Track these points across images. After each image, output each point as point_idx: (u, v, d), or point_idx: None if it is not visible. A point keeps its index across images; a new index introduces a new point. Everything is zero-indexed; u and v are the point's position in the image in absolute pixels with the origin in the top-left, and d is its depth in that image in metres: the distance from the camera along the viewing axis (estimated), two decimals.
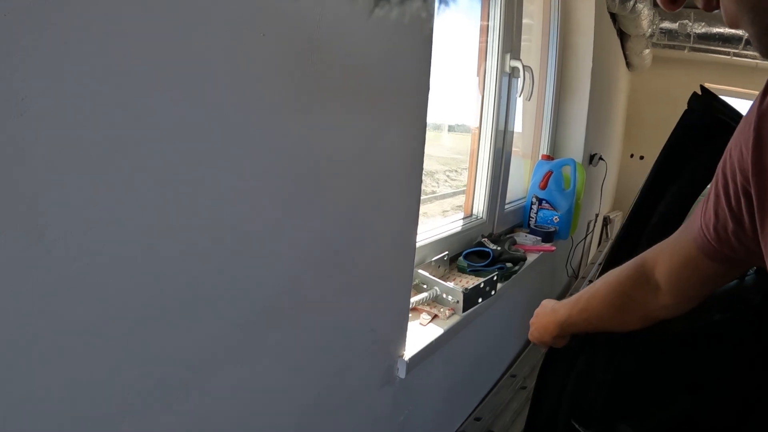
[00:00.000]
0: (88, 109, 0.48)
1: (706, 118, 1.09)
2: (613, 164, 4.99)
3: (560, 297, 3.09)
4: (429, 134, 2.21)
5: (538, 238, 2.16)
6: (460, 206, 2.26)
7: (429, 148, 2.42)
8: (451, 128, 2.31)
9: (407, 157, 1.07)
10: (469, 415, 1.91)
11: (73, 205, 0.49)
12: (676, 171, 1.09)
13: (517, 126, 2.55)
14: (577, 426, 1.21)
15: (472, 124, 2.01)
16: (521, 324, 2.45)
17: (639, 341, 1.25)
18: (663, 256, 0.83)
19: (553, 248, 2.11)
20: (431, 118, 1.97)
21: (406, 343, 1.20)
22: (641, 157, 6.09)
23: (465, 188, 2.12)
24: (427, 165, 2.77)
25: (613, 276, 0.93)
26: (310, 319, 0.87)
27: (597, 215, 3.64)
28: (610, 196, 5.31)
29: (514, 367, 2.27)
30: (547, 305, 1.12)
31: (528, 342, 2.51)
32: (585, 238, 3.34)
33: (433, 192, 2.73)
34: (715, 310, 1.61)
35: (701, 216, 0.72)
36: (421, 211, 2.41)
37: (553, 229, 2.27)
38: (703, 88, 1.09)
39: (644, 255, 0.89)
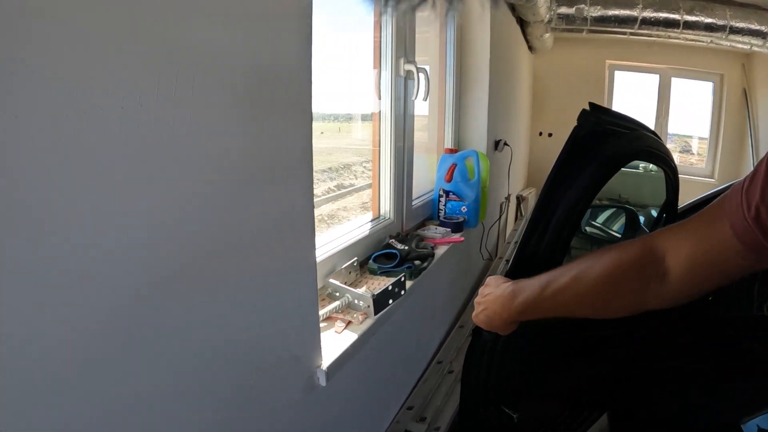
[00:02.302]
0: None
1: (594, 132, 1.12)
2: (522, 144, 5.21)
3: (479, 280, 3.25)
4: (342, 125, 2.23)
5: (448, 229, 2.28)
6: (365, 203, 2.31)
7: (343, 140, 2.45)
8: (364, 117, 2.30)
9: (296, 166, 1.10)
10: (402, 405, 2.01)
11: None
12: (569, 182, 1.11)
13: (421, 121, 2.66)
14: (506, 410, 1.29)
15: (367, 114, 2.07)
16: (442, 312, 2.58)
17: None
18: (682, 243, 0.75)
19: (462, 239, 2.23)
20: (342, 109, 2.01)
21: (323, 352, 1.27)
22: (550, 134, 6.36)
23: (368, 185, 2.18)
24: (343, 157, 2.81)
25: (608, 258, 0.83)
26: (226, 343, 0.93)
27: (508, 196, 3.82)
28: (521, 175, 5.54)
29: (439, 354, 2.39)
30: (500, 285, 0.99)
31: (451, 328, 2.64)
32: (498, 220, 3.51)
33: (352, 185, 2.78)
34: None
35: (742, 199, 0.65)
36: (341, 205, 2.45)
37: (462, 219, 2.39)
38: (591, 104, 1.11)
39: (652, 239, 0.81)
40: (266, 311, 1.06)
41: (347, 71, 2.06)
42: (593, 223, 3.05)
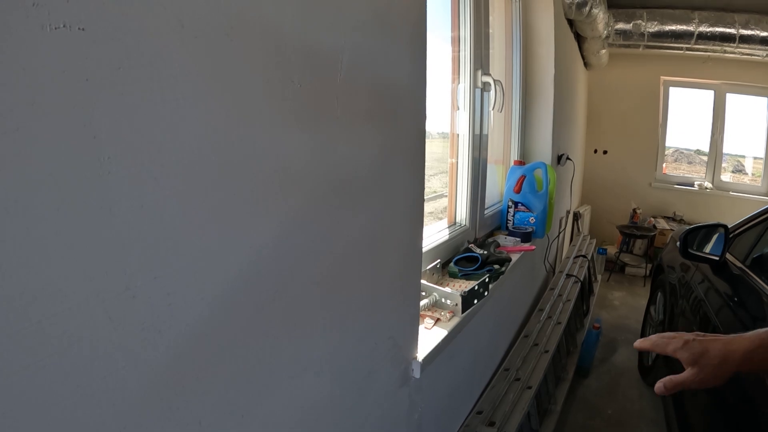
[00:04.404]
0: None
1: None
2: (578, 161, 5.21)
3: (541, 291, 3.26)
4: None
5: (518, 239, 2.32)
6: (431, 212, 2.37)
7: None
8: (435, 135, 2.36)
9: (411, 172, 1.20)
10: (471, 409, 2.05)
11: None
12: None
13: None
14: None
15: (440, 130, 2.13)
16: (509, 320, 2.61)
17: None
18: None
19: (533, 247, 2.27)
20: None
21: (418, 345, 1.34)
22: (605, 152, 6.32)
23: (435, 194, 2.26)
24: None
25: None
26: (344, 329, 1.00)
27: (568, 212, 3.83)
28: (578, 192, 5.52)
29: (506, 361, 2.42)
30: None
31: (516, 337, 2.66)
32: (558, 234, 3.53)
33: None
34: None
35: None
36: None
37: (530, 230, 2.43)
38: None
39: None
40: (385, 298, 1.14)
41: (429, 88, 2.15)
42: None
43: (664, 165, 6.37)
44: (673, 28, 4.25)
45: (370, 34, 0.97)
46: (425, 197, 2.62)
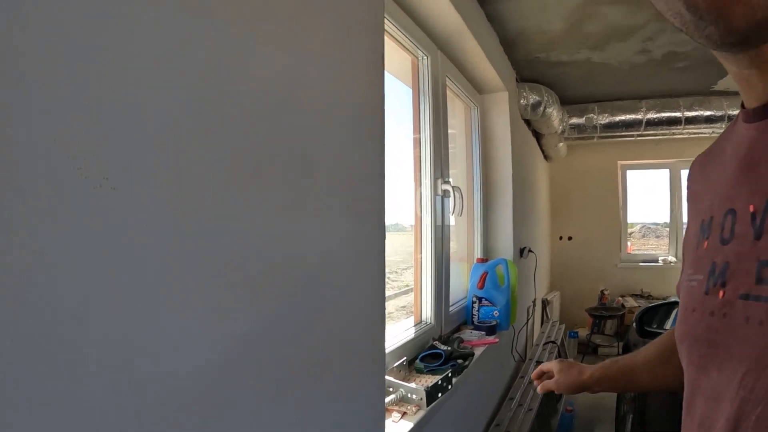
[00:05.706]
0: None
1: None
2: (544, 250, 5.46)
3: (511, 381, 3.40)
4: None
5: (483, 332, 2.50)
6: (404, 307, 2.53)
7: None
8: (396, 228, 2.52)
9: (373, 267, 1.37)
10: None
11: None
12: None
13: (452, 232, 2.94)
14: None
15: (412, 223, 2.33)
16: (479, 410, 2.73)
17: None
18: None
19: (497, 340, 2.45)
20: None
21: None
22: (569, 238, 6.62)
23: (407, 288, 2.43)
24: None
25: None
26: (315, 421, 1.15)
27: (534, 300, 4.02)
28: (545, 279, 5.73)
29: None
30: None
31: (488, 425, 2.78)
32: (526, 323, 3.71)
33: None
34: None
35: None
36: None
37: (494, 323, 2.62)
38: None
39: None
40: (345, 399, 1.29)
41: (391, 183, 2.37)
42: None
43: (629, 243, 6.68)
44: (623, 118, 4.62)
45: (336, 128, 1.17)
46: (398, 290, 2.79)
